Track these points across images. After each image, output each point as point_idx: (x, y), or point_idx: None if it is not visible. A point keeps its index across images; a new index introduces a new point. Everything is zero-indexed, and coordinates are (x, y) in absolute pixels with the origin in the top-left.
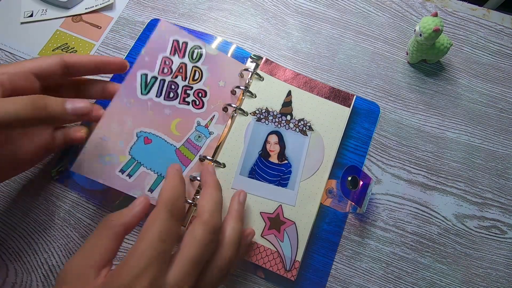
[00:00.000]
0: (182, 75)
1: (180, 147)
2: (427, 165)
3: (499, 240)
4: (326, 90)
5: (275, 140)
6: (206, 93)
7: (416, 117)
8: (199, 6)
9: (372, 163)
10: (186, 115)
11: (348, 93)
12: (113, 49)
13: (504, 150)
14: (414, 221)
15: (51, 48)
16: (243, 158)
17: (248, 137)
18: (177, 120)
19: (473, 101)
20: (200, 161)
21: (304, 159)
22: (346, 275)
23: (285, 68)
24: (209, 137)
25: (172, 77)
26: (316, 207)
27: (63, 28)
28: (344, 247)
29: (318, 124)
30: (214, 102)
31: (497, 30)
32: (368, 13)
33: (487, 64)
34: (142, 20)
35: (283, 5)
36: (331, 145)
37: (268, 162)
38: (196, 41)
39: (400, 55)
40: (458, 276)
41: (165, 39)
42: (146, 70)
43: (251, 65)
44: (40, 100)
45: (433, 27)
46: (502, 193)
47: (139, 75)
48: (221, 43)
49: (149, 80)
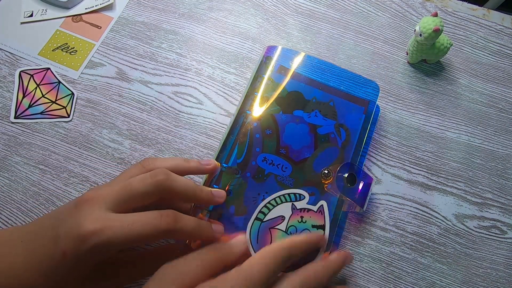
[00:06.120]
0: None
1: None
2: (427, 165)
3: (499, 240)
4: None
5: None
6: None
7: (416, 117)
8: (199, 6)
9: (372, 163)
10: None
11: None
12: (113, 49)
13: (504, 150)
14: (414, 221)
15: (51, 48)
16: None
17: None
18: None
19: (473, 101)
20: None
21: None
22: (346, 275)
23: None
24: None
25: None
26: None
27: (63, 28)
28: (344, 247)
29: None
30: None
31: (497, 30)
32: (368, 13)
33: (487, 64)
34: (142, 20)
35: (283, 5)
36: None
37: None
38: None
39: (400, 55)
40: (458, 276)
41: None
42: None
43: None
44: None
45: (433, 27)
46: (502, 193)
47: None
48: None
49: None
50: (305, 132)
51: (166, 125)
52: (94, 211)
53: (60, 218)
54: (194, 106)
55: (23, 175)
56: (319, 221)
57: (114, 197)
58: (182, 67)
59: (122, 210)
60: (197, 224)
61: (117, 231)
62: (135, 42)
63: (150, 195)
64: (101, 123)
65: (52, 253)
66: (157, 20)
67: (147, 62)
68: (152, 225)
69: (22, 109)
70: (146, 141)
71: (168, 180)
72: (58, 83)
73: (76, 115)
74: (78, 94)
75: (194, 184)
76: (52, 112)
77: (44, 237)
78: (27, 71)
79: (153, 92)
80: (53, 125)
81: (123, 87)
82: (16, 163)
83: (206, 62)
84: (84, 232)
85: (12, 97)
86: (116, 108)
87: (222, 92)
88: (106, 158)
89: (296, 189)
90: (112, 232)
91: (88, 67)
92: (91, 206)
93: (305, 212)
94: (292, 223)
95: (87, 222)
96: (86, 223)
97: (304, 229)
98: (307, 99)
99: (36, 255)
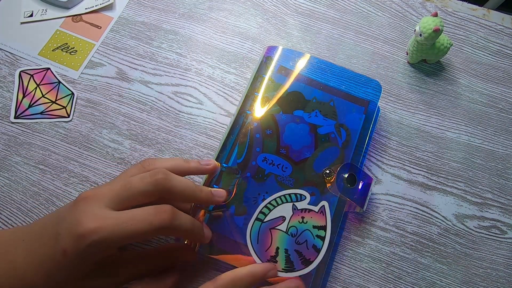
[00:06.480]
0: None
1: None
2: (427, 165)
3: (499, 240)
4: None
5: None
6: None
7: (416, 117)
8: (199, 6)
9: (372, 163)
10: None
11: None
12: (113, 49)
13: (504, 150)
14: (414, 221)
15: (51, 48)
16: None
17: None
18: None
19: (473, 101)
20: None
21: None
22: (346, 275)
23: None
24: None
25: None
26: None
27: (63, 28)
28: (344, 247)
29: None
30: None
31: (497, 30)
32: (368, 13)
33: (487, 64)
34: (142, 20)
35: (283, 5)
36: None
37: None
38: None
39: (400, 55)
40: (458, 276)
41: None
42: None
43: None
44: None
45: (433, 27)
46: (502, 193)
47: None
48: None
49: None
50: (305, 132)
51: (166, 125)
52: (93, 208)
53: (60, 217)
54: (194, 106)
55: (23, 175)
56: (321, 222)
57: (113, 195)
58: (182, 67)
59: (121, 209)
60: (192, 224)
61: (114, 229)
62: (135, 42)
63: (149, 194)
64: (101, 123)
65: (52, 252)
66: (157, 20)
67: (147, 62)
68: (148, 222)
69: (22, 109)
70: (146, 141)
71: (167, 179)
72: (58, 83)
73: (76, 115)
74: (78, 94)
75: (193, 184)
76: (52, 112)
77: (45, 236)
78: (27, 71)
79: (153, 92)
80: (53, 125)
81: (123, 87)
82: (16, 163)
83: (206, 62)
84: (83, 230)
85: (12, 97)
86: (116, 108)
87: (222, 92)
88: (106, 158)
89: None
90: (109, 229)
91: (88, 67)
92: (90, 203)
93: (306, 212)
94: (293, 224)
95: (86, 219)
96: (85, 220)
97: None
98: (307, 99)
99: (37, 254)
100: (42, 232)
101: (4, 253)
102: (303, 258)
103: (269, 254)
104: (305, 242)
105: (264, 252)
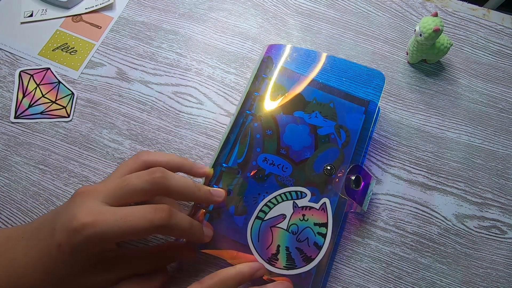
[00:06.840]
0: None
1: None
2: (427, 165)
3: (499, 240)
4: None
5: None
6: None
7: (416, 117)
8: (199, 6)
9: (372, 163)
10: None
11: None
12: (113, 49)
13: (504, 150)
14: (414, 221)
15: (51, 48)
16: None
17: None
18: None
19: (473, 101)
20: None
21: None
22: (346, 275)
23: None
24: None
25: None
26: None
27: (63, 28)
28: (344, 247)
29: None
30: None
31: (497, 30)
32: (368, 13)
33: (487, 64)
34: (142, 20)
35: (283, 5)
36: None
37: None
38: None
39: (400, 55)
40: (458, 276)
41: None
42: None
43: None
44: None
45: (433, 27)
46: (502, 193)
47: None
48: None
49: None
50: (305, 132)
51: (166, 125)
52: (89, 203)
53: (58, 212)
54: (194, 106)
55: (23, 175)
56: (322, 219)
57: (110, 191)
58: (182, 67)
59: (117, 205)
60: (190, 223)
61: (109, 224)
62: (135, 42)
63: (146, 192)
64: (101, 123)
65: (49, 246)
66: (157, 20)
67: (147, 62)
68: (146, 219)
69: (22, 109)
70: (146, 141)
71: (165, 178)
72: (58, 83)
73: (76, 115)
74: (78, 94)
75: (192, 183)
76: (52, 112)
77: (43, 232)
78: (27, 71)
79: (153, 92)
80: (53, 125)
81: (123, 87)
82: (16, 163)
83: (206, 62)
84: (77, 223)
85: (12, 97)
86: (116, 108)
87: (222, 92)
88: (106, 158)
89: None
90: (105, 224)
91: (88, 67)
92: (87, 198)
93: (307, 210)
94: (294, 222)
95: (81, 213)
96: (80, 215)
97: (306, 227)
98: (308, 100)
99: (36, 250)
100: (40, 228)
101: (4, 251)
102: (304, 256)
103: (270, 252)
104: (306, 239)
105: (265, 250)
